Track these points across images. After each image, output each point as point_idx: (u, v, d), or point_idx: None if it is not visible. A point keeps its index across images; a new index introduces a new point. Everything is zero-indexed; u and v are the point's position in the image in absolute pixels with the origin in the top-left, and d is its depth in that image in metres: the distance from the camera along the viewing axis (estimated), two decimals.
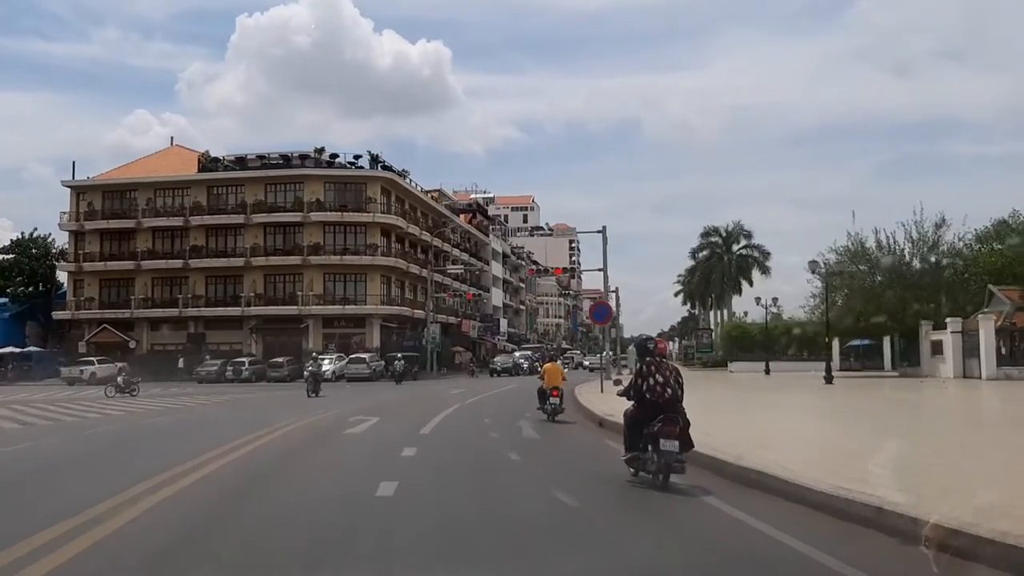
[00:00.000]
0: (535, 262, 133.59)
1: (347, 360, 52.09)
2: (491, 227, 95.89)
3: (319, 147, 60.46)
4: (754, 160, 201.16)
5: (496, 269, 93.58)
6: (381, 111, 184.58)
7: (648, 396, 8.73)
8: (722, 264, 69.77)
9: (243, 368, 52.18)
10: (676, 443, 8.32)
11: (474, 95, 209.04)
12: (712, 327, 67.85)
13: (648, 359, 9.09)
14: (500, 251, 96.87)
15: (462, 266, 73.70)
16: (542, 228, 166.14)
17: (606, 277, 38.37)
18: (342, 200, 59.71)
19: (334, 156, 60.62)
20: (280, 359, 53.53)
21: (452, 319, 73.18)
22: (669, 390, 8.67)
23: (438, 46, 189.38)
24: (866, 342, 53.53)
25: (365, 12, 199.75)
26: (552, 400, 18.70)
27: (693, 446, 8.70)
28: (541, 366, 26.41)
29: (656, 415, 8.50)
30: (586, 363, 73.84)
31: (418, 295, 65.97)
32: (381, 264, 59.13)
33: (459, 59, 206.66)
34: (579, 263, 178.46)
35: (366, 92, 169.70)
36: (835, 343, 52.40)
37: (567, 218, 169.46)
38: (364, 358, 51.85)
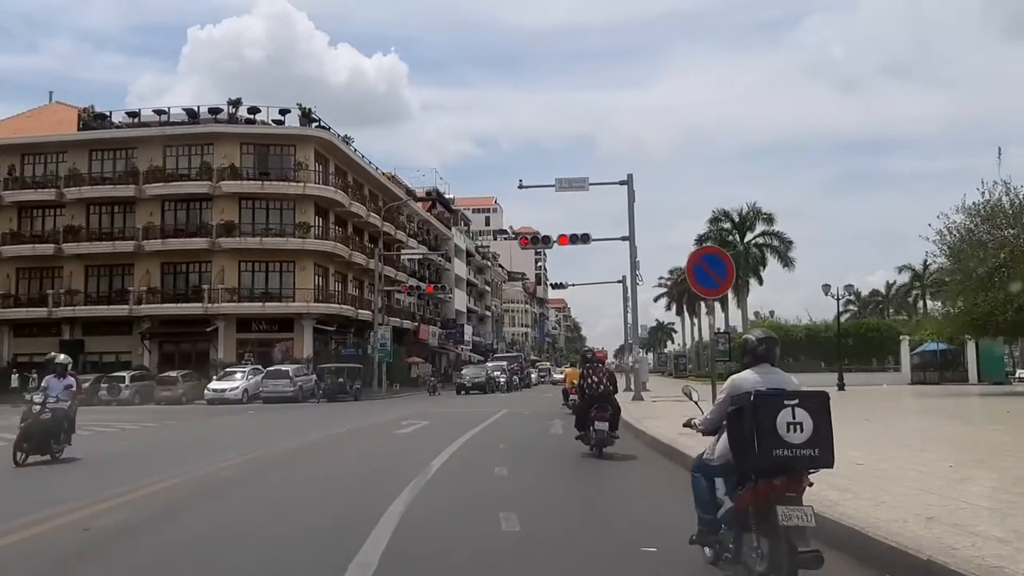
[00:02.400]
0: (501, 266, 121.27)
1: (263, 375, 38.55)
2: (453, 221, 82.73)
3: (234, 98, 46.97)
4: (705, 175, 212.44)
5: (459, 268, 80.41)
6: (335, 124, 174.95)
7: (587, 392, 11.87)
8: (734, 256, 57.28)
9: (122, 386, 38.41)
10: (607, 424, 11.49)
11: (429, 110, 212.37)
12: (721, 330, 55.48)
13: (588, 365, 12.40)
14: (464, 248, 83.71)
15: (420, 254, 60.21)
16: (505, 232, 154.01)
17: (633, 236, 26.04)
18: (264, 166, 46.22)
19: (254, 111, 47.09)
20: (174, 373, 39.86)
21: (407, 323, 59.83)
22: (602, 387, 11.72)
23: (394, 60, 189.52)
24: (943, 347, 41.50)
25: (320, 26, 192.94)
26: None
27: (618, 427, 11.90)
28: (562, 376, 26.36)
29: (592, 404, 11.67)
30: (557, 376, 61.17)
31: (365, 292, 52.58)
32: (315, 249, 45.68)
33: (415, 74, 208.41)
34: (545, 268, 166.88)
35: (320, 105, 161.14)
36: (905, 348, 40.27)
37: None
38: (287, 371, 38.34)
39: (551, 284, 40.78)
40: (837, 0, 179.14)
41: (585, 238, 26.91)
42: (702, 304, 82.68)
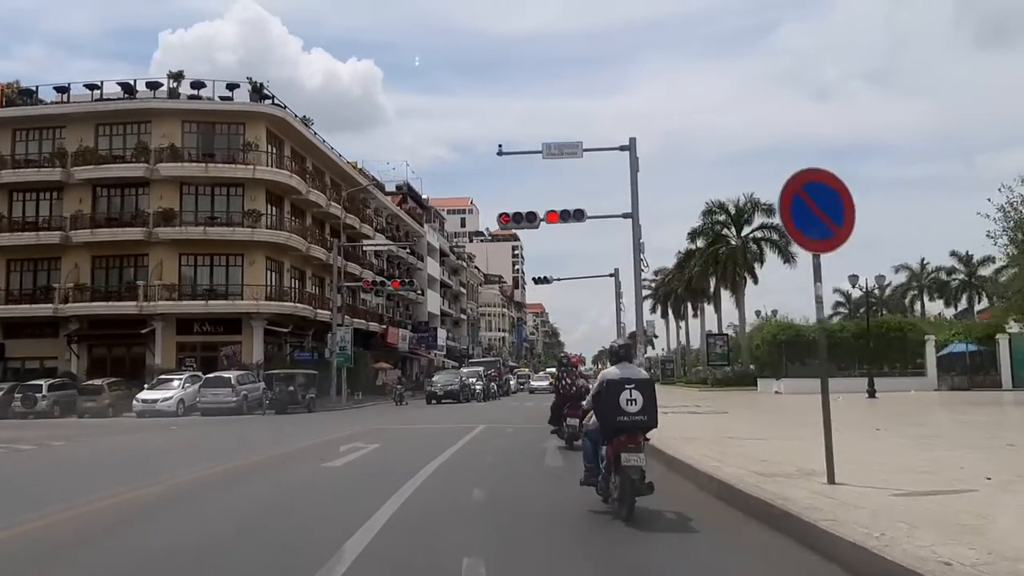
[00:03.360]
0: (477, 268, 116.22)
1: (201, 383, 33.33)
2: (426, 218, 77.72)
3: (176, 71, 41.65)
4: (682, 181, 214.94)
5: (432, 268, 75.34)
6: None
7: (562, 391, 13.64)
8: (730, 250, 53.00)
9: (38, 396, 33.05)
10: (577, 421, 11.81)
11: (405, 115, 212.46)
12: (724, 332, 50.73)
13: (563, 369, 14.39)
14: (437, 247, 78.65)
15: (385, 245, 54.97)
16: (482, 233, 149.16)
17: (636, 213, 21.32)
18: (208, 147, 41.00)
19: (198, 86, 41.81)
20: (99, 381, 34.57)
21: (374, 325, 54.72)
22: (574, 388, 13.10)
23: (369, 65, 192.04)
24: (972, 348, 37.10)
25: (294, 30, 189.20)
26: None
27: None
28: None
29: (566, 403, 13.13)
30: (537, 384, 56.43)
31: (326, 291, 47.44)
32: (266, 241, 40.49)
33: (390, 79, 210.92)
34: (523, 272, 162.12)
35: (294, 109, 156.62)
36: (931, 350, 35.83)
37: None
38: (228, 379, 33.10)
39: (534, 279, 35.91)
40: (811, 8, 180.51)
41: (579, 215, 22.06)
42: (689, 306, 78.46)
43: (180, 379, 34.02)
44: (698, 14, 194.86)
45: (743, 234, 52.05)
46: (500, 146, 22.31)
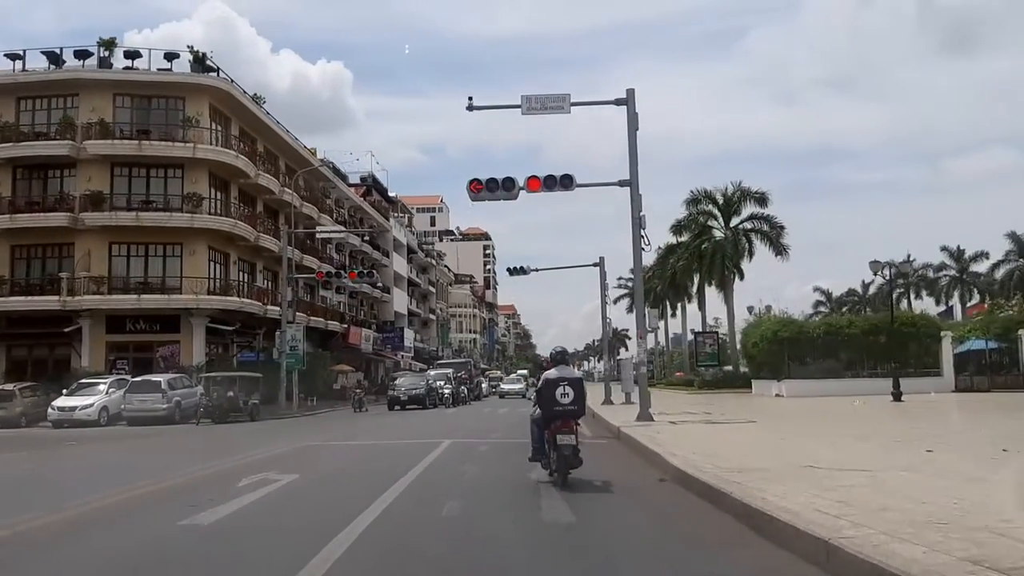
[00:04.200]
0: (447, 267, 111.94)
1: (127, 387, 29.01)
2: (393, 211, 73.41)
3: (107, 37, 37.10)
4: (654, 185, 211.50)
5: (399, 265, 71.03)
6: None
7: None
8: (717, 243, 49.49)
9: None
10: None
11: (375, 117, 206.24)
12: (700, 330, 46.91)
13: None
14: (404, 243, 74.30)
15: (340, 232, 50.58)
16: (452, 232, 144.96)
17: (636, 179, 17.48)
18: (143, 123, 36.58)
19: (132, 55, 37.33)
20: (10, 386, 30.21)
21: (335, 325, 50.48)
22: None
23: (338, 67, 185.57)
24: (991, 345, 33.76)
25: (263, 32, 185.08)
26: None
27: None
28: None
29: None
30: (509, 387, 52.64)
31: (280, 285, 43.12)
32: (208, 228, 36.15)
33: (360, 81, 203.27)
34: (494, 271, 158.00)
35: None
36: (947, 347, 32.42)
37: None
38: (158, 383, 28.77)
39: (508, 270, 31.87)
40: (779, 13, 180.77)
41: (566, 182, 18.10)
42: (667, 304, 74.89)
43: (105, 384, 29.73)
44: (669, 19, 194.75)
45: (732, 225, 48.47)
46: (470, 99, 18.42)
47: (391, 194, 75.96)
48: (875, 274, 31.68)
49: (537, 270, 31.51)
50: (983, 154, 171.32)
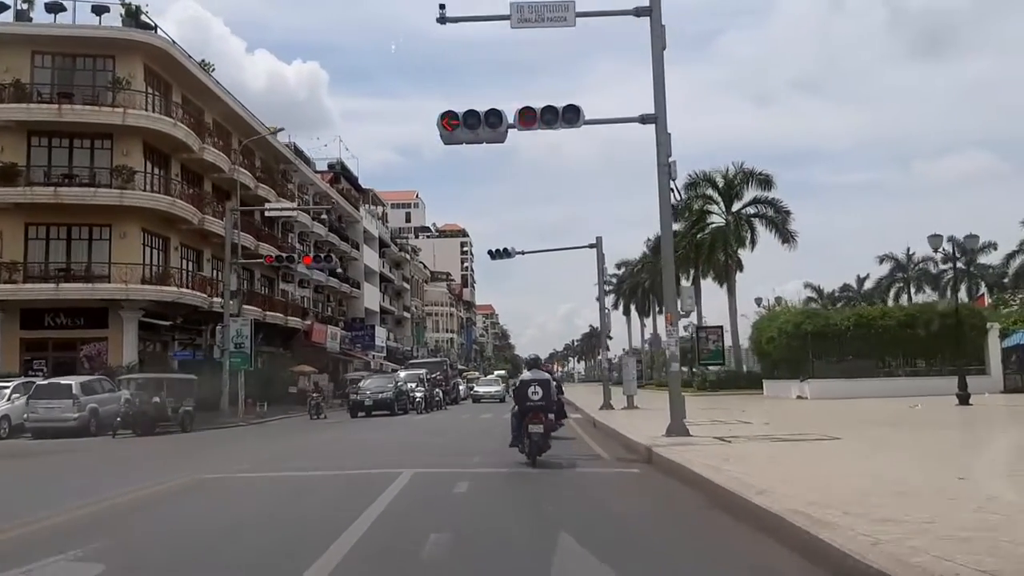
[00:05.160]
0: (423, 263, 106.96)
1: (31, 392, 24.06)
2: (363, 200, 68.46)
3: None
4: (628, 186, 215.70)
5: (370, 258, 66.16)
6: None
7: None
8: (718, 230, 45.29)
9: None
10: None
11: (351, 118, 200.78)
12: (718, 327, 42.51)
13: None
14: (376, 235, 69.43)
15: (291, 209, 44.93)
16: (428, 229, 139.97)
17: (663, 112, 12.73)
18: (66, 84, 31.60)
19: (56, 7, 32.19)
20: None
21: (296, 321, 45.62)
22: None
23: (314, 67, 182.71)
24: None
25: (237, 31, 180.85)
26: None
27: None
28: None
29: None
30: (485, 389, 48.11)
31: (225, 272, 38.27)
32: (142, 207, 31.16)
33: (336, 82, 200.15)
34: (472, 269, 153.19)
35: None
36: (994, 341, 28.25)
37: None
38: (68, 386, 23.79)
39: (490, 252, 27.08)
40: (751, 16, 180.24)
41: (570, 116, 13.44)
42: (653, 300, 70.63)
43: (9, 387, 24.79)
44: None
45: (734, 210, 44.16)
46: (442, 7, 13.78)
47: (364, 185, 71.05)
48: (936, 250, 27.49)
49: (523, 253, 26.94)
50: (958, 156, 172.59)
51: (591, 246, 26.35)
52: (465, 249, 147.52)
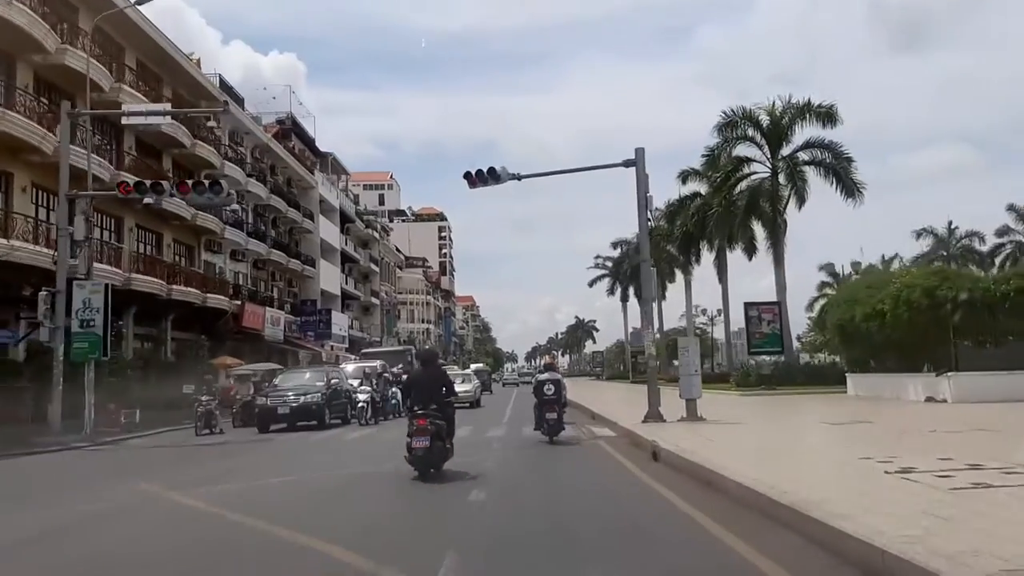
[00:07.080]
0: (397, 248, 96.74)
1: None
2: (322, 166, 58.33)
3: None
4: (608, 182, 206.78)
5: (328, 232, 56.10)
6: None
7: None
8: (756, 188, 35.84)
9: None
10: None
11: (329, 111, 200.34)
12: (767, 302, 32.83)
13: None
14: (337, 207, 59.37)
15: (154, 116, 32.88)
16: (403, 212, 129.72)
17: None
18: None
19: None
20: None
21: (218, 299, 35.57)
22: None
23: (291, 59, 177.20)
24: None
25: (212, 22, 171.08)
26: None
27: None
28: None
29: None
30: (462, 387, 38.01)
31: (58, 211, 28.53)
32: None
33: (314, 74, 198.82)
34: (451, 256, 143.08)
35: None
36: None
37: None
38: None
39: (467, 174, 16.69)
40: (730, 11, 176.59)
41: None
42: (665, 281, 61.06)
43: None
44: (622, 14, 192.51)
45: (782, 154, 34.52)
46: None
47: (322, 148, 60.89)
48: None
49: (518, 177, 17.15)
50: (933, 149, 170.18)
51: (625, 164, 16.62)
52: (443, 234, 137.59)
